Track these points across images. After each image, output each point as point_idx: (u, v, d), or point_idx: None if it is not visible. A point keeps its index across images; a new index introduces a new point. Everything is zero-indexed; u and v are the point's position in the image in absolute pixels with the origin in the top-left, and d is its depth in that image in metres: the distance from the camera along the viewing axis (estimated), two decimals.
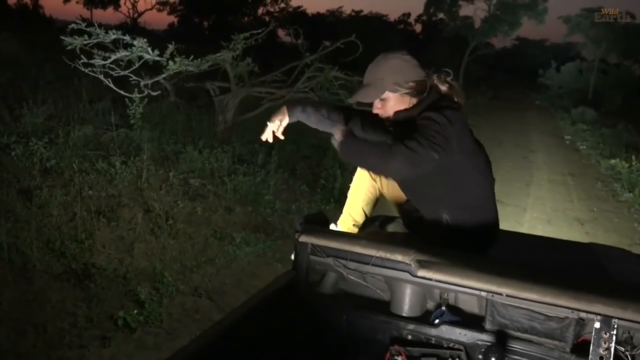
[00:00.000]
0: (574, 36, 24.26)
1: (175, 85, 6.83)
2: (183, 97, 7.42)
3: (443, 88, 1.72)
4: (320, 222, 1.82)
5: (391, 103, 1.72)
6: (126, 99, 5.32)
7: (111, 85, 5.24)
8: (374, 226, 2.02)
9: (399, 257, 1.48)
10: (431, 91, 1.71)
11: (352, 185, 2.09)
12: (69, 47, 5.12)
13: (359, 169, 2.06)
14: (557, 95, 22.47)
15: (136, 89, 5.33)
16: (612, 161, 8.82)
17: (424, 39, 33.72)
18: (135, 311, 3.02)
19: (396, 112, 1.72)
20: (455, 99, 1.72)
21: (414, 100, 1.71)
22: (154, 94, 5.46)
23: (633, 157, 8.36)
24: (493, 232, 1.80)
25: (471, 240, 1.73)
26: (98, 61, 5.11)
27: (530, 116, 16.96)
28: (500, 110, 16.40)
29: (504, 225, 1.89)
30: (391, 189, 1.93)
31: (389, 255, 1.50)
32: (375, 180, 2.00)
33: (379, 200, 2.07)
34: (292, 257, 1.68)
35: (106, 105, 6.22)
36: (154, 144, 5.39)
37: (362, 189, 2.04)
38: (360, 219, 2.06)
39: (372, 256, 1.51)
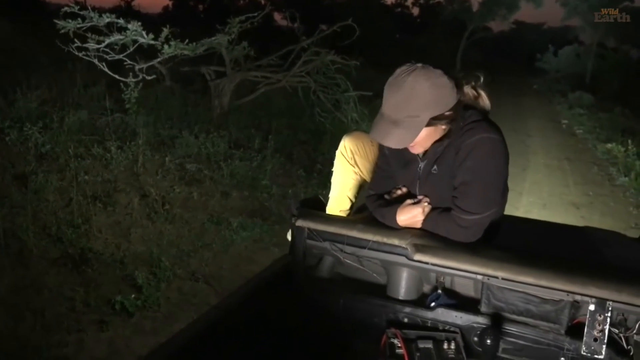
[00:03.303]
0: (571, 20, 24.14)
1: (170, 70, 6.77)
2: (178, 81, 7.36)
3: (469, 97, 1.61)
4: (317, 206, 1.83)
5: (424, 137, 1.51)
6: (121, 84, 5.27)
7: (106, 69, 5.19)
8: (368, 211, 2.03)
9: (395, 241, 1.49)
10: (460, 108, 1.52)
11: (333, 172, 2.07)
12: (63, 31, 5.04)
13: (337, 156, 2.04)
14: (554, 80, 22.42)
15: (131, 74, 5.28)
16: (609, 145, 8.84)
17: (421, 22, 33.43)
18: (133, 296, 3.03)
19: (425, 143, 1.55)
20: (481, 106, 1.63)
21: (448, 127, 1.55)
22: (149, 78, 5.41)
23: (629, 141, 8.36)
24: (500, 224, 1.78)
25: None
26: (92, 45, 5.05)
27: (528, 101, 16.92)
28: (497, 95, 16.30)
29: None
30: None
31: (385, 240, 1.50)
32: (354, 167, 1.99)
33: (363, 185, 2.05)
34: (288, 236, 1.67)
35: (101, 89, 6.16)
36: (149, 128, 5.36)
37: (344, 177, 2.02)
38: (347, 205, 2.05)
39: (369, 240, 1.51)
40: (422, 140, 1.51)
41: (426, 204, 1.60)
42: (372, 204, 1.71)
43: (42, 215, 3.60)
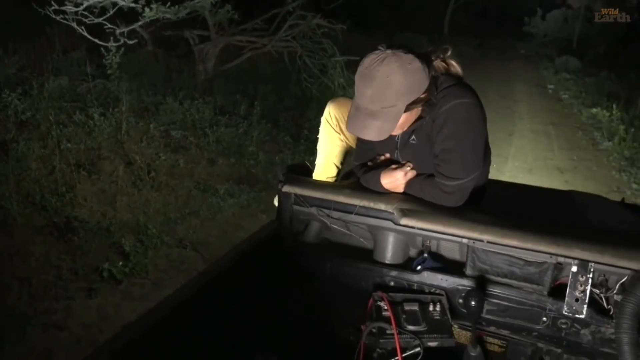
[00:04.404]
0: None
1: (152, 34, 6.59)
2: (161, 46, 7.17)
3: (440, 70, 1.57)
4: (303, 172, 1.82)
5: (403, 122, 1.50)
6: (102, 49, 5.13)
7: (85, 33, 5.03)
8: (355, 177, 2.03)
9: (382, 206, 1.49)
10: (433, 86, 1.51)
11: (319, 139, 2.06)
12: None
13: (322, 123, 2.03)
14: (542, 44, 22.28)
15: (112, 38, 5.13)
16: (593, 110, 8.87)
17: None
18: (121, 263, 3.03)
19: (404, 127, 1.56)
20: (453, 72, 1.61)
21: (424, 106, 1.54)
22: (131, 42, 5.26)
23: (614, 105, 8.41)
24: (485, 188, 1.80)
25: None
26: (70, 8, 4.87)
27: (515, 65, 16.85)
28: (485, 59, 16.26)
29: None
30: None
31: (372, 204, 1.50)
32: (340, 133, 1.98)
33: (349, 151, 2.05)
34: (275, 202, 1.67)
35: (81, 55, 5.98)
36: (132, 95, 5.24)
37: (330, 144, 2.01)
38: (333, 172, 2.05)
39: (356, 205, 1.52)
40: (401, 124, 1.51)
41: (409, 168, 1.61)
42: (359, 171, 1.73)
43: (25, 184, 3.54)
